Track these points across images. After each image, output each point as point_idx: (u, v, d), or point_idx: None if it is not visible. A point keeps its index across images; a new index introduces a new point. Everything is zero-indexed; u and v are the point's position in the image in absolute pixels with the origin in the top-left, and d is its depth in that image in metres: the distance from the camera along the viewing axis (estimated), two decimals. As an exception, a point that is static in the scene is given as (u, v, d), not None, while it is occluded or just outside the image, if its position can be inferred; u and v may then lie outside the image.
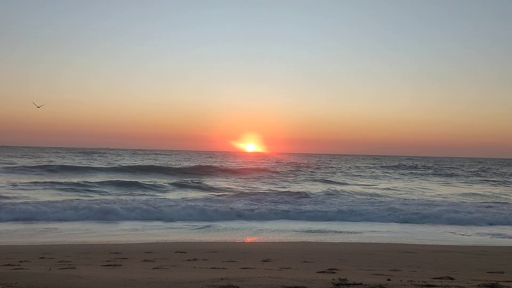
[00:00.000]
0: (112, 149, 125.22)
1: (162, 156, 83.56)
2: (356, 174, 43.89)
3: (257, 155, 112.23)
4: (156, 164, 46.43)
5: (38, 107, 28.71)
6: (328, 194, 23.95)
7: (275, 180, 33.62)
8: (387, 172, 47.51)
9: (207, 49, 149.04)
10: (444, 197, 24.16)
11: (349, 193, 24.93)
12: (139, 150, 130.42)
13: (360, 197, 23.36)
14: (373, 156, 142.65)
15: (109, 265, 6.37)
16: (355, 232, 13.08)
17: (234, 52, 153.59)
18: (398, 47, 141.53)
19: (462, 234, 13.38)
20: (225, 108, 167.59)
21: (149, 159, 65.00)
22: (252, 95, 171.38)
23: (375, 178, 39.20)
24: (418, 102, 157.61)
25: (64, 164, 41.66)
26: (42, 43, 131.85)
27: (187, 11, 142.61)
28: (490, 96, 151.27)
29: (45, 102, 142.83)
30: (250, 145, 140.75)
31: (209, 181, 29.83)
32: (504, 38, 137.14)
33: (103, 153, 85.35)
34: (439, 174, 45.99)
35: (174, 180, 29.20)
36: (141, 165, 42.67)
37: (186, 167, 42.32)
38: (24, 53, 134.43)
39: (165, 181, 28.96)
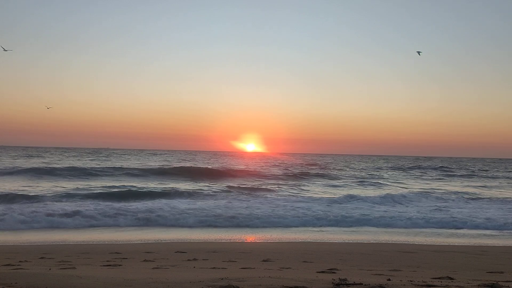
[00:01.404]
0: (112, 149, 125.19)
1: (179, 156, 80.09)
2: (403, 176, 41.73)
3: (259, 155, 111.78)
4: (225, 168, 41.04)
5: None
6: (435, 197, 22.77)
7: (333, 182, 31.92)
8: (425, 174, 45.62)
9: (207, 50, 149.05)
10: None
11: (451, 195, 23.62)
12: (140, 150, 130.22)
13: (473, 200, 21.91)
14: (375, 156, 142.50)
15: (109, 265, 6.37)
16: None
17: (234, 53, 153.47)
18: (396, 47, 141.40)
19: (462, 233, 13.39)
20: (225, 108, 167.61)
21: (186, 160, 61.63)
22: (252, 95, 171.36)
23: (422, 180, 37.52)
24: (416, 102, 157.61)
25: (97, 166, 38.26)
26: (42, 43, 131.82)
27: (187, 12, 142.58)
28: (489, 96, 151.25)
29: (45, 102, 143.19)
30: (250, 145, 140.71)
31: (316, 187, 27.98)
32: (504, 38, 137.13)
33: (112, 153, 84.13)
34: (482, 176, 43.80)
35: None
36: (200, 167, 39.34)
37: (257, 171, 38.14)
38: (25, 53, 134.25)
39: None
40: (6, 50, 19.67)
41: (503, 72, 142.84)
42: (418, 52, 19.35)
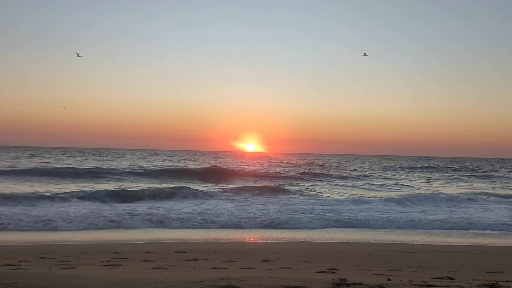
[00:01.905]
0: (112, 149, 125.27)
1: (188, 156, 77.94)
2: (418, 176, 40.95)
3: (261, 155, 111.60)
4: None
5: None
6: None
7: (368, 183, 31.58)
8: (439, 173, 45.01)
9: (207, 50, 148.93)
10: None
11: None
12: (141, 150, 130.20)
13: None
14: (377, 156, 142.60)
15: (109, 265, 6.37)
16: None
17: (234, 53, 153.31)
18: (396, 47, 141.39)
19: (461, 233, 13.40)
20: (225, 108, 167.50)
21: (190, 160, 60.38)
22: (252, 95, 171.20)
23: (457, 181, 37.08)
24: (416, 102, 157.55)
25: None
26: (42, 43, 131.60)
27: (187, 12, 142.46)
28: (489, 96, 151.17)
29: (45, 102, 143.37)
30: (250, 145, 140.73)
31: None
32: (504, 38, 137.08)
33: (114, 153, 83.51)
34: (496, 176, 43.35)
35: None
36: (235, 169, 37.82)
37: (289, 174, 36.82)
38: (25, 53, 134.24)
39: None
40: (80, 56, 19.93)
41: (503, 72, 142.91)
42: (364, 54, 19.30)
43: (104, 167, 37.13)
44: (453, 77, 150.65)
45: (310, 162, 65.24)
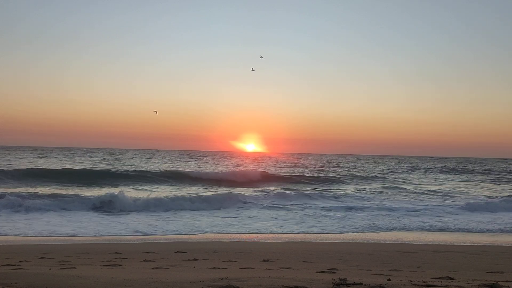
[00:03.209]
0: (112, 149, 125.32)
1: (196, 157, 74.90)
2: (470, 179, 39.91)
3: (262, 155, 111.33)
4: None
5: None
6: None
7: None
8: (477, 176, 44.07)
9: (207, 50, 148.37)
10: None
11: None
12: (140, 150, 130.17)
13: None
14: (378, 157, 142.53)
15: (109, 265, 6.37)
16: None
17: (234, 53, 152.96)
18: (396, 47, 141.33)
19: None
20: (225, 108, 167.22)
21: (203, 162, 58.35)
22: (253, 95, 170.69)
23: (495, 183, 36.30)
24: (416, 102, 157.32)
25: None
26: (42, 43, 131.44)
27: (187, 12, 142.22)
28: (489, 96, 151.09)
29: (46, 102, 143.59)
30: (250, 145, 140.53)
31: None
32: (504, 38, 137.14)
33: (118, 153, 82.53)
34: None
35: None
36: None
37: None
38: (26, 53, 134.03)
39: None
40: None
41: (503, 72, 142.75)
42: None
43: (110, 169, 35.76)
44: (453, 77, 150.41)
45: (318, 163, 63.66)
